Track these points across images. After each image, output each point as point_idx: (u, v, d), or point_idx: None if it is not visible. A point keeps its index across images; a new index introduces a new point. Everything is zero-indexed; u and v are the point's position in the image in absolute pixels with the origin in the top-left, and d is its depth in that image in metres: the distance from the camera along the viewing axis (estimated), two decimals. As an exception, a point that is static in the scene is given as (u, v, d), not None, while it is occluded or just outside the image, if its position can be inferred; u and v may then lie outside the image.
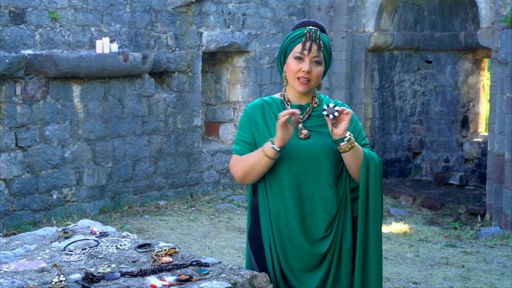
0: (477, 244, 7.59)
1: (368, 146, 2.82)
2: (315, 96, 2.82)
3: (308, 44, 2.70)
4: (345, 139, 2.63)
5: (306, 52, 2.70)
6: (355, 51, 10.67)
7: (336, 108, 2.62)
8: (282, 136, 2.62)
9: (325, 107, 2.64)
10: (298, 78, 2.72)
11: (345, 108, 2.65)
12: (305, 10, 10.65)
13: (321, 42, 2.73)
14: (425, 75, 11.24)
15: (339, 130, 2.63)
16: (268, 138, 2.70)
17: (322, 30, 2.78)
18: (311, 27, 2.74)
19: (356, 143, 2.68)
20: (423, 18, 10.97)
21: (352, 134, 2.66)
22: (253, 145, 2.77)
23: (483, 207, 9.09)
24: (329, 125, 2.65)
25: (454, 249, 7.28)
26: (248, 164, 2.71)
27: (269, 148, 2.65)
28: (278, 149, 2.64)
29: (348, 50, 10.65)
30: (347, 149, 2.65)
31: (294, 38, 2.73)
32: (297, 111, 2.63)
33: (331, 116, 2.62)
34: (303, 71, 2.70)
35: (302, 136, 2.74)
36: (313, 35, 2.71)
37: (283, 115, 2.60)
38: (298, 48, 2.71)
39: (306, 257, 2.72)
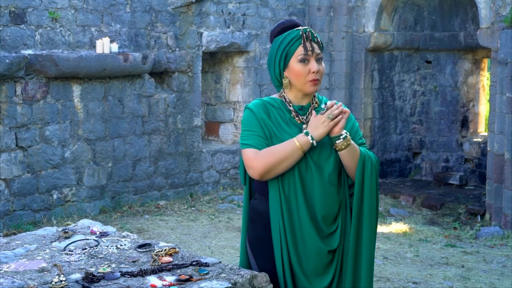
0: (477, 244, 7.60)
1: (365, 145, 2.84)
2: (314, 97, 2.84)
3: (308, 44, 2.72)
4: (341, 137, 2.66)
5: (310, 52, 2.71)
6: (355, 51, 10.67)
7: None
8: (326, 133, 2.66)
9: (323, 106, 2.69)
10: (309, 80, 2.72)
11: (342, 106, 2.69)
12: (305, 10, 10.65)
13: (319, 40, 2.76)
14: (425, 75, 11.24)
15: (336, 128, 2.66)
16: (280, 138, 2.70)
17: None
18: (301, 27, 2.76)
19: (352, 142, 2.70)
20: (423, 18, 10.97)
21: (348, 133, 2.69)
22: (267, 139, 2.72)
23: (483, 207, 9.09)
24: None
25: (454, 249, 7.28)
26: (278, 156, 2.65)
27: (307, 141, 2.65)
28: (315, 145, 2.66)
29: (348, 50, 10.65)
30: (343, 147, 2.67)
31: (292, 41, 2.72)
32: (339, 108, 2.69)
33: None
34: (313, 72, 2.71)
35: None
36: (309, 34, 2.73)
37: (339, 114, 2.64)
38: (300, 50, 2.71)
39: (318, 255, 2.70)
